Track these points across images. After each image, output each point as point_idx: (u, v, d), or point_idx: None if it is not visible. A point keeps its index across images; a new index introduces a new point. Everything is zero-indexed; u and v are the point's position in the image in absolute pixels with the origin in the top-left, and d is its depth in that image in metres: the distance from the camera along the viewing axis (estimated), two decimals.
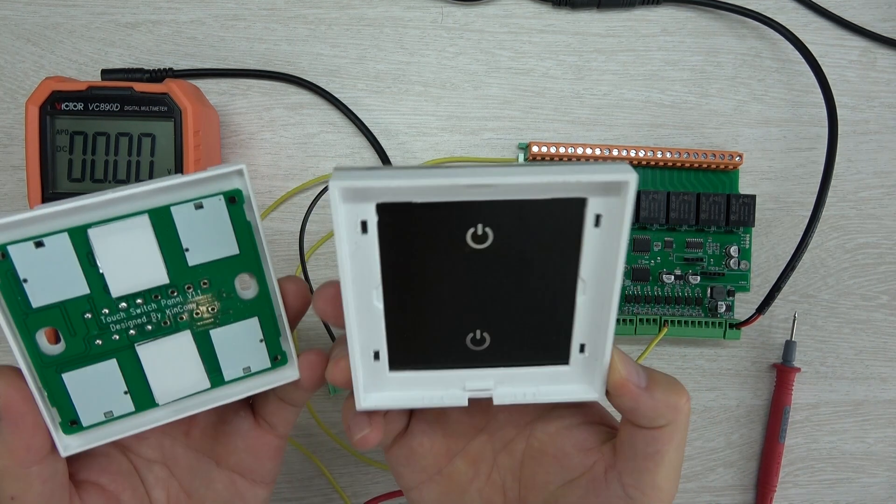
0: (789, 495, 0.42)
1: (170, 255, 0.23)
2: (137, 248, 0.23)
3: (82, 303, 0.23)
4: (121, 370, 0.24)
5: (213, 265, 0.24)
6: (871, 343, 0.42)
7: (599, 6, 0.40)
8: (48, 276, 0.22)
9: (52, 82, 0.33)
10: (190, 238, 0.23)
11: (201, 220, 0.23)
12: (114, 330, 0.24)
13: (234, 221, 0.24)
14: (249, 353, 0.25)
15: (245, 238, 0.24)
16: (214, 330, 0.25)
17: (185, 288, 0.24)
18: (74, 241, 0.22)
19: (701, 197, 0.39)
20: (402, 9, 0.40)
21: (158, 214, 0.23)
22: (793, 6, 0.42)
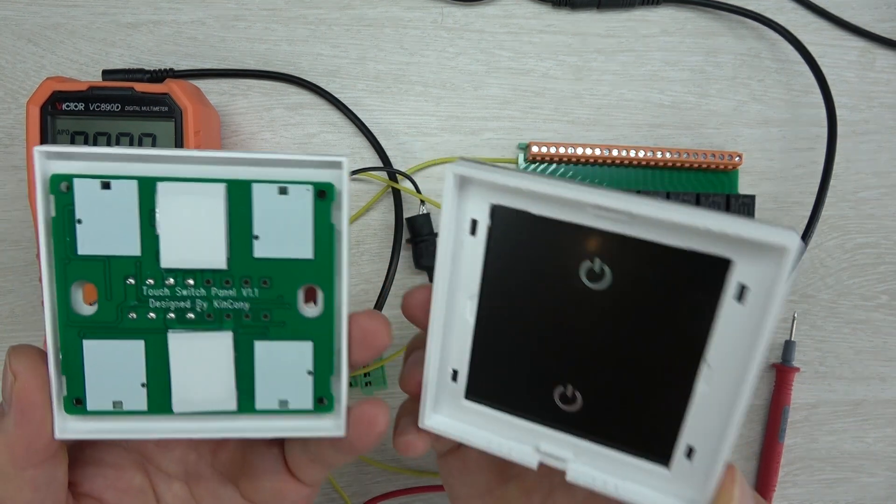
0: (788, 495, 0.42)
1: (236, 238, 0.21)
2: (203, 219, 0.20)
3: (129, 264, 0.21)
4: (146, 356, 0.21)
5: (279, 264, 0.21)
6: (871, 343, 0.42)
7: (599, 6, 0.40)
8: (103, 223, 0.20)
9: (53, 82, 0.33)
10: (263, 225, 0.21)
11: (281, 207, 0.20)
12: (152, 306, 0.21)
13: (318, 220, 0.21)
14: (291, 383, 0.22)
15: (324, 243, 0.21)
16: (260, 342, 0.22)
17: (242, 282, 0.21)
18: (142, 191, 0.20)
19: (701, 197, 0.39)
20: (402, 9, 0.40)
21: (237, 188, 0.20)
22: (792, 6, 0.42)
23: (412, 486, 0.40)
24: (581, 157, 0.39)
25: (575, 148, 0.39)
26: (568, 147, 0.39)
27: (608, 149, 0.39)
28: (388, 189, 0.39)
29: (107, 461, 0.23)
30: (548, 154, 0.39)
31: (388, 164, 0.39)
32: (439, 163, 0.40)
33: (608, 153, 0.39)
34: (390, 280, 0.38)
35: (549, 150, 0.39)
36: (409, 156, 0.40)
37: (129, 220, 0.20)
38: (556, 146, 0.39)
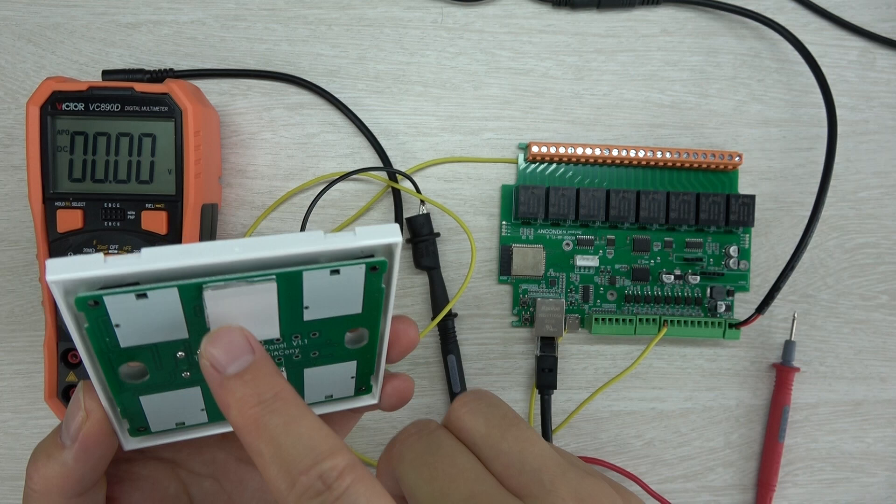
0: (789, 495, 0.42)
1: (286, 314, 0.21)
2: (255, 309, 0.20)
3: (177, 345, 0.20)
4: (203, 395, 0.22)
5: (329, 321, 0.22)
6: (871, 343, 0.42)
7: (599, 6, 0.40)
8: (145, 322, 0.19)
9: (53, 82, 0.33)
10: (313, 298, 0.21)
11: (332, 284, 0.20)
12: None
13: (368, 287, 0.21)
14: (337, 386, 0.24)
15: (372, 300, 0.22)
16: (309, 369, 0.23)
17: (293, 337, 0.22)
18: (184, 297, 0.19)
19: (701, 197, 0.39)
20: (402, 9, 0.40)
21: (288, 279, 0.20)
22: (792, 6, 0.42)
23: None
24: (581, 157, 0.39)
25: (575, 148, 0.39)
26: (568, 147, 0.39)
27: (608, 149, 0.39)
28: (387, 189, 0.39)
29: (142, 475, 0.24)
30: (548, 154, 0.39)
31: (388, 164, 0.39)
32: (439, 163, 0.40)
33: (608, 153, 0.39)
34: None
35: (549, 150, 0.39)
36: (409, 156, 0.40)
37: (173, 317, 0.19)
38: (556, 146, 0.39)
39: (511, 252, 0.39)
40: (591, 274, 0.40)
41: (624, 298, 0.40)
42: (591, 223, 0.40)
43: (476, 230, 0.40)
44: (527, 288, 0.40)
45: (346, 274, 0.20)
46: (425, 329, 0.38)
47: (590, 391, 0.40)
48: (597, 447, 0.41)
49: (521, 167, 0.40)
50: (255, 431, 0.18)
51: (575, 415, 0.40)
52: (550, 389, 0.39)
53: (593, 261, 0.40)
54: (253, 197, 0.39)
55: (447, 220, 0.40)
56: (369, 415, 0.40)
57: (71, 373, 0.34)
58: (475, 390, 0.23)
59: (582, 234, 0.40)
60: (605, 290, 0.40)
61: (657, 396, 0.41)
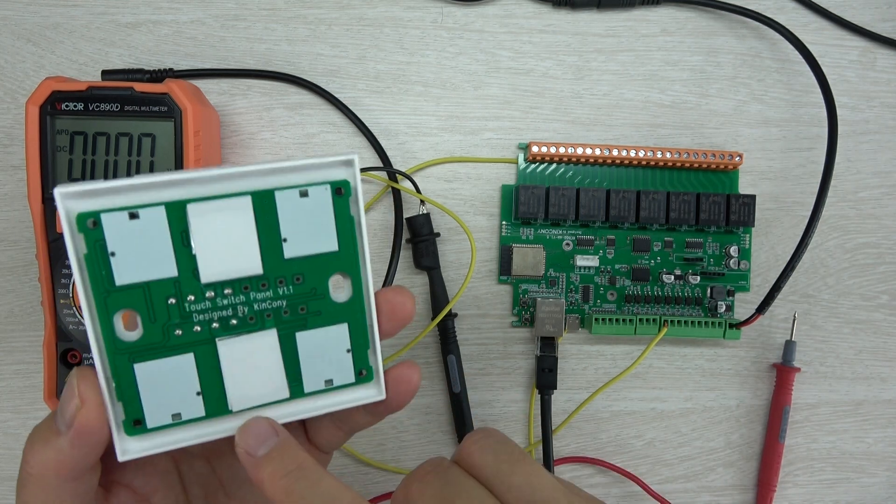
0: (789, 495, 0.42)
1: (267, 244, 0.22)
2: (235, 232, 0.21)
3: (168, 286, 0.21)
4: (197, 367, 0.22)
5: (309, 260, 0.23)
6: (871, 343, 0.42)
7: (599, 6, 0.40)
8: (137, 251, 0.20)
9: (53, 82, 0.33)
10: (290, 228, 0.22)
11: (304, 209, 0.22)
12: (196, 320, 0.22)
13: (338, 215, 0.22)
14: (334, 363, 0.24)
15: (346, 234, 0.23)
16: (301, 333, 0.23)
17: (278, 282, 0.22)
18: (171, 216, 0.21)
19: (701, 197, 0.39)
20: (402, 9, 0.40)
21: (261, 198, 0.21)
22: (793, 6, 0.42)
23: None
24: (581, 157, 0.39)
25: (575, 148, 0.39)
26: (568, 147, 0.39)
27: (608, 149, 0.39)
28: (387, 189, 0.39)
29: None
30: (548, 154, 0.39)
31: (388, 164, 0.39)
32: (439, 163, 0.40)
33: (608, 153, 0.39)
34: (390, 280, 0.37)
35: (549, 149, 0.39)
36: (409, 156, 0.40)
37: (162, 244, 0.21)
38: (556, 146, 0.39)
39: (511, 252, 0.39)
40: (592, 274, 0.40)
41: (624, 298, 0.40)
42: (591, 223, 0.40)
43: (476, 230, 0.40)
44: (527, 288, 0.40)
45: (314, 197, 0.22)
46: (425, 329, 0.38)
47: (590, 391, 0.40)
48: (597, 447, 0.41)
49: (521, 167, 0.40)
50: (286, 499, 0.21)
51: (575, 415, 0.40)
52: (550, 389, 0.39)
53: (593, 261, 0.40)
54: None
55: (447, 220, 0.40)
56: None
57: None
58: (484, 429, 0.24)
59: (582, 234, 0.40)
60: (605, 290, 0.40)
61: (657, 396, 0.41)
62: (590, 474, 0.41)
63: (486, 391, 0.40)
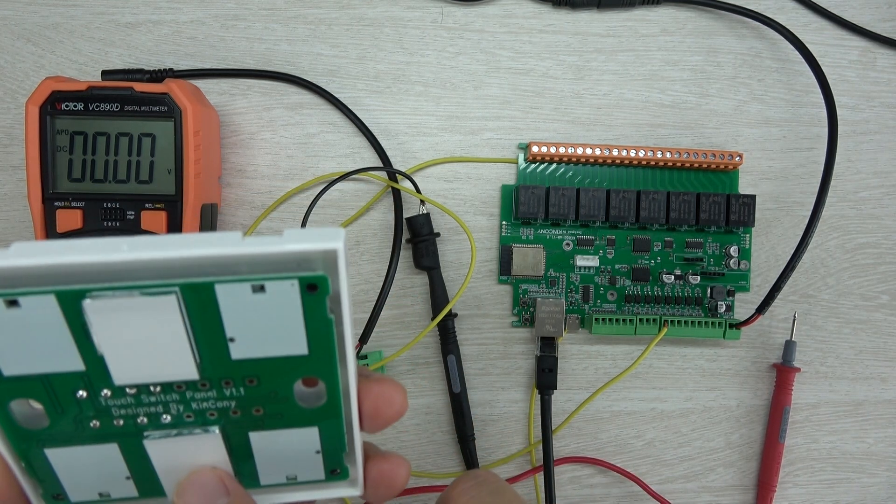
0: (789, 495, 0.42)
1: (205, 346, 0.17)
2: (156, 333, 0.16)
3: (74, 379, 0.17)
4: (124, 456, 0.18)
5: (266, 363, 0.18)
6: (871, 343, 0.42)
7: (599, 6, 0.40)
8: (25, 342, 0.16)
9: (53, 82, 0.33)
10: (238, 327, 0.17)
11: (259, 306, 0.16)
12: (116, 415, 0.18)
13: (310, 317, 0.17)
14: (299, 462, 0.20)
15: (321, 337, 0.17)
16: (256, 433, 0.19)
17: (222, 383, 0.18)
18: (65, 306, 0.16)
19: (701, 197, 0.39)
20: (402, 9, 0.40)
21: (195, 293, 0.16)
22: (793, 6, 0.42)
23: (412, 487, 0.39)
24: (581, 157, 0.39)
25: (575, 148, 0.39)
26: (568, 147, 0.39)
27: (608, 149, 0.39)
28: (387, 189, 0.39)
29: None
30: (548, 154, 0.39)
31: (388, 164, 0.39)
32: (439, 163, 0.40)
33: (608, 153, 0.39)
34: (390, 280, 0.37)
35: (549, 150, 0.39)
36: (409, 156, 0.40)
37: (57, 335, 0.16)
38: (556, 146, 0.39)
39: (511, 252, 0.39)
40: (592, 274, 0.40)
41: (624, 298, 0.40)
42: (592, 223, 0.40)
43: (476, 230, 0.40)
44: (527, 288, 0.40)
45: (274, 292, 0.16)
46: (425, 329, 0.38)
47: (590, 391, 0.40)
48: (597, 447, 0.41)
49: (521, 167, 0.40)
50: None
51: (575, 415, 0.40)
52: (551, 390, 0.39)
53: (593, 261, 0.40)
54: (253, 197, 0.39)
55: (447, 220, 0.40)
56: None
57: None
58: (474, 474, 0.20)
59: (582, 234, 0.40)
60: (605, 290, 0.40)
61: (657, 396, 0.41)
62: (590, 474, 0.41)
63: (486, 391, 0.40)
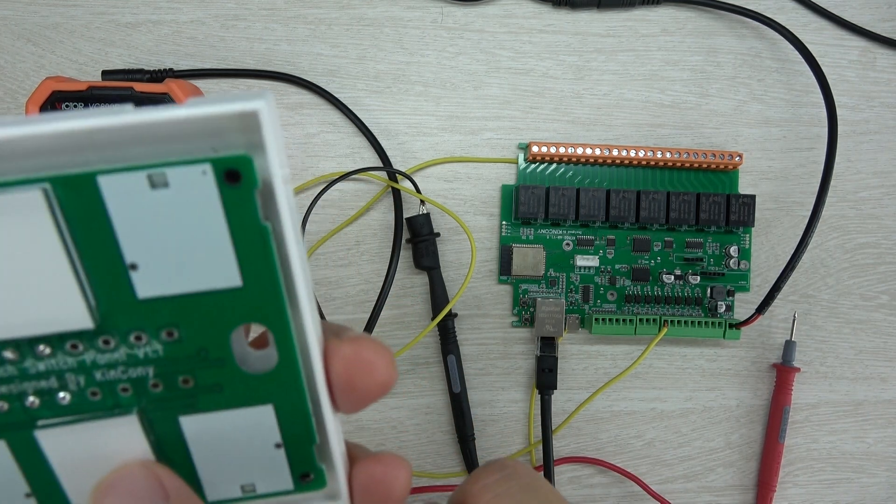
0: (789, 495, 0.42)
1: (98, 277, 0.12)
2: (26, 254, 0.12)
3: None
4: (16, 459, 0.14)
5: (187, 302, 0.13)
6: (871, 343, 0.42)
7: (599, 6, 0.40)
8: None
9: (53, 82, 0.33)
10: (139, 244, 0.12)
11: (164, 212, 0.12)
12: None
13: (235, 223, 0.12)
14: (254, 462, 0.15)
15: (255, 257, 0.13)
16: (188, 417, 0.14)
17: (132, 338, 0.13)
18: None
19: (701, 197, 0.39)
20: (402, 9, 0.40)
21: (71, 190, 0.12)
22: (793, 6, 0.42)
23: (413, 487, 0.40)
24: (581, 157, 0.39)
25: (575, 148, 0.39)
26: (568, 147, 0.39)
27: (608, 149, 0.39)
28: (387, 189, 0.39)
29: None
30: (548, 154, 0.39)
31: (388, 164, 0.39)
32: (439, 163, 0.40)
33: (608, 153, 0.39)
34: (390, 280, 0.37)
35: (549, 150, 0.39)
36: (409, 156, 0.40)
37: None
38: (556, 146, 0.39)
39: (511, 252, 0.39)
40: (592, 274, 0.40)
41: (624, 298, 0.40)
42: (591, 223, 0.40)
43: (476, 230, 0.40)
44: (527, 288, 0.40)
45: (181, 187, 0.12)
46: (425, 329, 0.38)
47: (590, 391, 0.40)
48: (597, 447, 0.41)
49: (521, 167, 0.40)
50: None
51: (575, 415, 0.40)
52: (550, 390, 0.39)
53: (593, 261, 0.40)
54: None
55: (447, 220, 0.40)
56: (369, 414, 0.40)
57: None
58: (500, 465, 0.16)
59: (582, 234, 0.40)
60: (605, 290, 0.40)
61: (657, 396, 0.41)
62: (590, 474, 0.41)
63: (486, 391, 0.40)
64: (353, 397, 0.14)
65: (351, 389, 0.14)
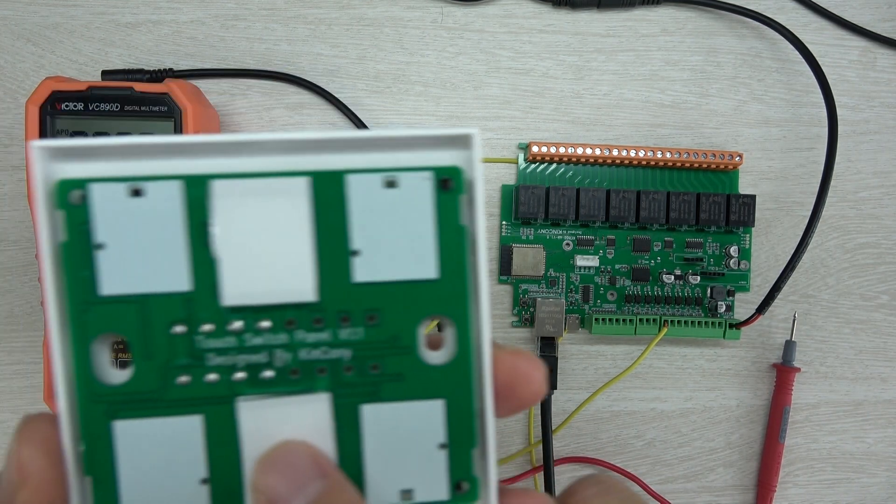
0: (789, 495, 0.42)
1: (327, 256, 0.15)
2: (279, 231, 0.15)
3: (175, 305, 0.15)
4: (206, 437, 0.15)
5: (391, 290, 0.15)
6: (871, 343, 0.42)
7: (599, 6, 0.40)
8: (136, 247, 0.14)
9: (53, 82, 0.33)
10: (365, 235, 0.15)
11: (389, 208, 0.15)
12: (212, 364, 0.15)
13: (442, 222, 0.15)
14: (417, 463, 0.15)
15: (453, 254, 0.15)
16: (370, 405, 0.15)
17: (340, 319, 0.15)
18: (190, 196, 0.14)
19: (701, 197, 0.39)
20: (402, 9, 0.40)
21: (325, 183, 0.15)
22: (793, 6, 0.42)
23: None
24: (581, 157, 0.39)
25: (575, 148, 0.39)
26: (568, 147, 0.39)
27: (608, 149, 0.39)
28: None
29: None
30: (548, 154, 0.39)
31: None
32: None
33: (608, 153, 0.39)
34: None
35: (549, 150, 0.39)
36: None
37: (172, 238, 0.14)
38: (556, 146, 0.39)
39: (511, 252, 0.39)
40: (592, 274, 0.40)
41: (624, 298, 0.40)
42: (591, 223, 0.40)
43: None
44: (527, 288, 0.40)
45: (406, 189, 0.15)
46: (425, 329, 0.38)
47: (590, 391, 0.40)
48: (597, 447, 0.41)
49: (521, 167, 0.40)
50: None
51: (575, 415, 0.40)
52: (551, 390, 0.39)
53: (593, 261, 0.40)
54: None
55: None
56: None
57: None
58: (596, 479, 0.16)
59: (582, 234, 0.40)
60: (605, 290, 0.40)
61: (657, 396, 0.41)
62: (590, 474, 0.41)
63: None
64: (510, 404, 0.16)
65: (510, 396, 0.16)
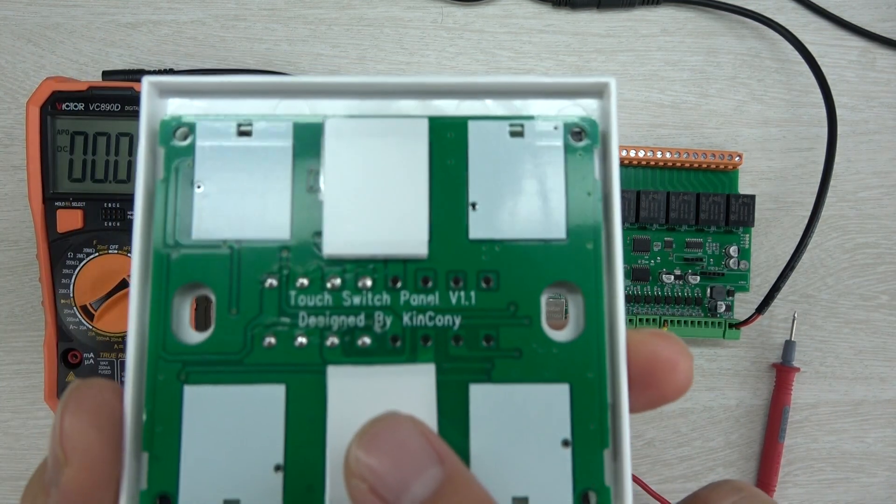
0: (789, 495, 0.42)
1: (440, 209, 0.13)
2: (392, 178, 0.13)
3: (270, 255, 0.13)
4: (287, 411, 0.13)
5: (511, 251, 0.13)
6: (871, 343, 0.42)
7: (599, 6, 0.40)
8: (235, 189, 0.13)
9: (53, 82, 0.33)
10: (483, 187, 0.13)
11: (512, 158, 0.13)
12: (303, 325, 0.13)
13: (572, 177, 0.14)
14: (534, 463, 0.13)
15: (584, 214, 0.14)
16: (479, 385, 0.13)
17: (451, 281, 0.13)
18: (299, 138, 0.13)
19: (701, 197, 0.39)
20: (402, 9, 0.40)
21: (445, 128, 0.13)
22: (792, 6, 0.42)
23: None
24: None
25: None
26: None
27: None
28: None
29: None
30: None
31: None
32: None
33: None
34: None
35: None
36: None
37: (276, 182, 0.13)
38: None
39: None
40: None
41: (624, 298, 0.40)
42: None
43: None
44: None
45: (532, 140, 0.13)
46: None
47: None
48: None
49: None
50: None
51: None
52: None
53: None
54: None
55: None
56: None
57: (71, 373, 0.34)
58: (737, 487, 0.15)
59: None
60: None
61: None
62: None
63: None
64: (648, 395, 0.13)
65: (649, 385, 0.13)
